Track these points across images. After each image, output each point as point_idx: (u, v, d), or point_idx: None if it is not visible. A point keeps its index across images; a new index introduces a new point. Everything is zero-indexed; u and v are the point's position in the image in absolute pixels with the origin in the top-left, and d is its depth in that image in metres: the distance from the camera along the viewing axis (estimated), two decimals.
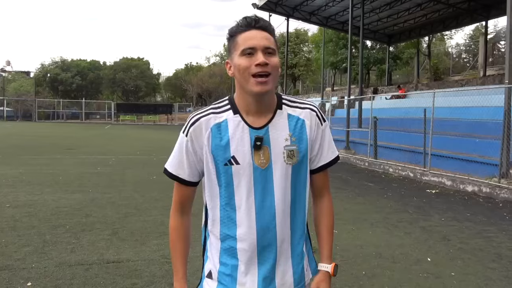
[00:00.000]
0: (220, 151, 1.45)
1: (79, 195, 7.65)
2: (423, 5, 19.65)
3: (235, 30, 1.46)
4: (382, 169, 12.28)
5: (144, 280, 3.90)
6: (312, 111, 1.54)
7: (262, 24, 1.44)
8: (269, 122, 1.48)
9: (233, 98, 1.52)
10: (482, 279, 4.20)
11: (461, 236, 5.73)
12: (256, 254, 1.48)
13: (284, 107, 1.52)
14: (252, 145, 1.45)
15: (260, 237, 1.47)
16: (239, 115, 1.47)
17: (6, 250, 4.61)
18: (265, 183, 1.46)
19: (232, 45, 1.46)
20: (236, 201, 1.47)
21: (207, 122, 1.47)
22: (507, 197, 8.21)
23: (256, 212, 1.46)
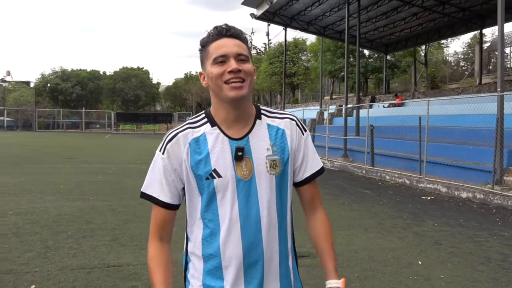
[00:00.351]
0: (200, 165, 1.40)
1: (80, 202, 7.80)
2: (418, 14, 19.95)
3: (206, 40, 1.44)
4: (379, 177, 12.44)
5: (144, 282, 4.05)
6: (292, 120, 1.52)
7: (233, 32, 1.42)
8: (249, 132, 1.44)
9: (209, 111, 1.49)
10: (470, 280, 4.35)
11: (453, 241, 5.88)
12: (243, 273, 1.41)
13: (263, 117, 1.49)
14: (233, 157, 1.40)
15: (246, 253, 1.40)
16: (217, 127, 1.44)
17: (10, 255, 4.76)
18: (249, 195, 1.41)
19: (204, 55, 1.44)
20: (220, 216, 1.40)
21: (184, 137, 1.43)
22: (500, 203, 8.36)
23: (241, 227, 1.40)
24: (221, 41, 1.40)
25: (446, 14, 19.08)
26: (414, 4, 18.15)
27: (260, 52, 58.89)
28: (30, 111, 52.34)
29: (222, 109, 1.43)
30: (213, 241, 1.41)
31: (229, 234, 1.39)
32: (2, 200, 7.86)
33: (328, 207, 8.15)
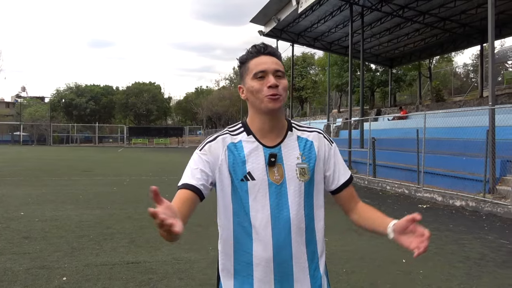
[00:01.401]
0: (236, 167, 1.53)
1: (99, 211, 8.48)
2: (420, 30, 20.63)
3: (245, 57, 1.59)
4: (380, 187, 12.99)
5: (159, 275, 4.69)
6: (319, 134, 1.68)
7: (270, 50, 1.58)
8: (281, 142, 1.58)
9: (246, 122, 1.63)
10: (446, 275, 4.91)
11: (438, 243, 6.44)
12: (273, 271, 1.51)
13: (294, 130, 1.64)
14: (266, 162, 1.53)
15: (276, 252, 1.50)
16: (252, 135, 1.58)
17: (41, 255, 5.43)
18: (280, 199, 1.52)
19: (244, 71, 1.59)
20: (252, 216, 1.51)
21: (223, 140, 1.58)
22: (490, 210, 8.88)
23: (272, 227, 1.50)
24: (260, 59, 1.55)
25: (447, 30, 19.74)
26: (416, 21, 18.86)
27: None
28: (45, 126, 53.70)
29: (258, 120, 1.58)
30: (245, 240, 1.52)
31: (260, 233, 1.50)
32: (28, 208, 8.58)
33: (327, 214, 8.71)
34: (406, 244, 1.45)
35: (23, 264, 5.01)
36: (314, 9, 18.86)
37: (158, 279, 4.57)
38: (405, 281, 4.71)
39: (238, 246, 1.54)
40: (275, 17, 20.35)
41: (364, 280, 4.70)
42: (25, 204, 9.06)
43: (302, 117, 37.52)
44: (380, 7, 17.50)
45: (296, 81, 40.69)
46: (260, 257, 1.50)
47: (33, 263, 5.04)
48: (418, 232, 1.42)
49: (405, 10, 17.96)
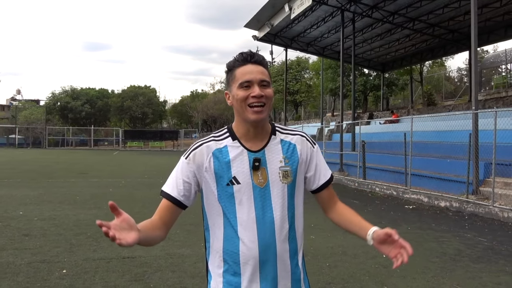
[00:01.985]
0: (222, 172, 1.58)
1: (95, 210, 8.79)
2: (411, 36, 21.09)
3: (232, 64, 1.62)
4: (370, 189, 13.35)
5: (153, 269, 5.00)
6: (302, 137, 1.73)
7: (257, 58, 1.61)
8: (265, 146, 1.64)
9: (231, 127, 1.68)
10: (422, 268, 5.26)
11: (419, 240, 6.79)
12: (258, 269, 1.58)
13: (278, 134, 1.69)
14: (251, 166, 1.59)
15: (262, 251, 1.57)
16: (237, 141, 1.63)
17: (41, 250, 5.73)
18: (264, 201, 1.59)
19: (230, 78, 1.63)
20: (238, 218, 1.57)
21: (208, 147, 1.62)
22: (472, 210, 9.25)
23: (257, 228, 1.57)
24: (247, 67, 1.58)
25: (436, 36, 20.21)
26: (405, 27, 19.31)
27: None
28: (40, 129, 53.81)
29: (243, 126, 1.63)
30: (233, 240, 1.58)
31: (246, 235, 1.57)
32: (26, 208, 8.87)
33: (315, 215, 9.06)
34: (385, 252, 1.56)
35: (25, 258, 5.31)
36: (306, 15, 19.26)
37: (152, 272, 4.89)
38: (382, 273, 5.05)
39: (226, 247, 1.59)
40: (269, 23, 20.73)
41: (344, 273, 5.04)
42: (24, 205, 9.34)
43: (297, 121, 37.90)
44: (371, 14, 17.93)
45: (290, 85, 41.10)
46: (247, 257, 1.57)
47: (34, 258, 5.35)
48: (398, 244, 1.50)
49: (395, 17, 18.40)
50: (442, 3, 16.75)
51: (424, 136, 13.97)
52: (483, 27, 18.43)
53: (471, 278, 4.94)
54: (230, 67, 1.64)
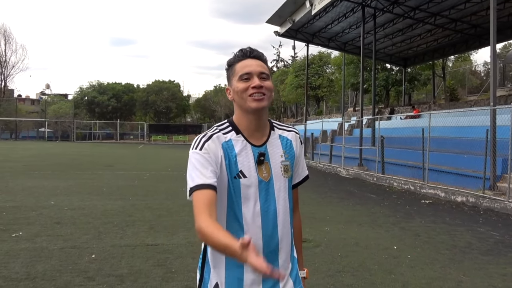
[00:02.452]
0: (231, 165, 1.61)
1: (121, 201, 9.24)
2: (432, 31, 20.92)
3: (232, 60, 1.69)
4: (388, 183, 13.49)
5: (174, 255, 5.37)
6: (296, 133, 1.81)
7: (256, 54, 1.67)
8: (267, 141, 1.69)
9: (232, 120, 1.71)
10: (430, 259, 5.48)
11: (431, 233, 6.98)
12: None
13: (276, 129, 1.75)
14: (256, 160, 1.63)
15: (265, 243, 1.62)
16: (241, 135, 1.66)
17: (72, 237, 6.17)
18: (268, 194, 1.64)
19: (231, 73, 1.68)
20: (243, 210, 1.61)
21: (218, 138, 1.63)
22: (488, 205, 9.34)
23: (261, 221, 1.62)
24: (246, 61, 1.64)
25: (458, 31, 20.01)
26: (427, 22, 19.19)
27: (287, 65, 60.22)
28: (68, 123, 55.29)
29: (245, 119, 1.66)
30: (237, 232, 1.60)
31: (251, 226, 1.61)
32: (57, 199, 9.39)
33: (332, 207, 9.34)
34: None
35: (57, 244, 5.76)
36: (327, 11, 19.34)
37: (173, 258, 5.25)
38: (392, 263, 5.30)
39: None
40: (290, 18, 20.90)
41: (355, 262, 5.30)
42: (54, 195, 9.88)
43: (318, 116, 37.93)
44: (392, 9, 17.90)
45: (312, 79, 41.08)
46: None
47: (66, 244, 5.79)
48: None
49: (416, 12, 18.31)
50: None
51: (444, 131, 13.98)
52: (506, 22, 18.19)
53: (477, 269, 5.13)
54: (230, 63, 1.70)
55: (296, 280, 1.74)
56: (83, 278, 4.45)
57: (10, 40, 63.74)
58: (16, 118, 55.86)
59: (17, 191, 10.39)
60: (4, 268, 4.69)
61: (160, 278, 4.51)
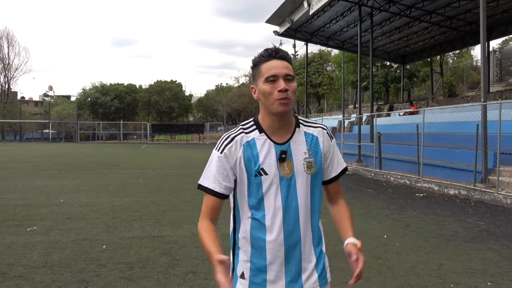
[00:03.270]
0: (251, 164, 1.67)
1: (128, 198, 9.68)
2: (429, 28, 21.31)
3: (258, 60, 1.71)
4: (385, 178, 13.89)
5: (179, 245, 5.80)
6: (323, 129, 1.83)
7: (281, 54, 1.69)
8: (290, 139, 1.72)
9: (257, 119, 1.76)
10: (416, 246, 5.89)
11: (421, 224, 7.38)
12: (284, 254, 1.68)
13: (301, 126, 1.78)
14: (277, 158, 1.67)
15: (287, 237, 1.67)
16: (264, 133, 1.70)
17: (83, 231, 6.60)
18: (289, 191, 1.68)
19: (256, 73, 1.71)
20: (265, 206, 1.67)
21: (240, 139, 1.70)
22: (479, 198, 9.74)
23: (283, 216, 1.67)
24: (272, 63, 1.66)
25: (454, 28, 20.38)
26: (423, 20, 19.56)
27: None
28: (71, 124, 55.89)
29: (269, 119, 1.71)
30: (260, 227, 1.68)
31: (273, 222, 1.67)
32: (66, 196, 9.84)
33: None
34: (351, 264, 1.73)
35: (70, 237, 6.19)
36: (325, 10, 19.74)
37: (178, 248, 5.68)
38: (381, 250, 5.71)
39: (254, 233, 1.70)
40: (289, 18, 21.30)
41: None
42: (63, 193, 10.33)
43: (319, 113, 38.32)
44: (388, 8, 18.29)
45: (313, 77, 41.47)
46: (272, 243, 1.67)
47: (77, 236, 6.22)
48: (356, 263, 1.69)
49: (412, 10, 18.69)
50: None
51: (440, 127, 14.37)
52: (500, 19, 18.55)
53: (460, 254, 5.54)
54: (255, 62, 1.72)
55: (322, 274, 1.78)
56: (96, 265, 4.88)
57: (13, 43, 64.64)
58: (20, 120, 56.48)
59: (27, 190, 10.84)
60: (23, 258, 5.13)
61: (166, 264, 4.94)
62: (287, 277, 1.69)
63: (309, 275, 1.73)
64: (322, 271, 1.78)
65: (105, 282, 4.34)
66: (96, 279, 4.43)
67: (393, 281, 4.48)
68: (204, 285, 4.25)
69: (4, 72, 61.56)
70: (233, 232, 1.79)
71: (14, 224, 7.00)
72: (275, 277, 1.68)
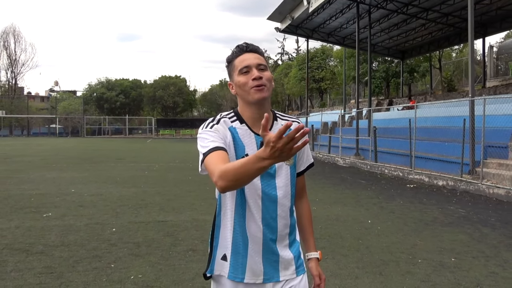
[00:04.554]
0: (238, 148, 1.71)
1: (134, 189, 10.33)
2: (426, 25, 21.78)
3: (231, 57, 1.76)
4: (380, 171, 14.48)
5: (181, 228, 6.44)
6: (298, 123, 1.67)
7: (252, 48, 1.74)
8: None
9: (237, 111, 1.79)
10: (396, 230, 6.49)
11: (405, 211, 7.98)
12: (261, 242, 1.73)
13: (279, 119, 1.81)
14: (258, 148, 1.67)
15: (265, 227, 1.72)
16: (245, 124, 1.74)
17: (94, 216, 7.25)
18: (269, 181, 1.72)
19: (231, 69, 1.75)
20: (246, 194, 1.70)
21: (225, 122, 1.74)
22: (465, 188, 10.32)
23: (262, 205, 1.71)
24: (244, 56, 1.72)
25: (450, 25, 20.85)
26: (420, 17, 20.04)
27: (292, 58, 60.99)
28: (78, 119, 56.75)
29: (248, 110, 1.74)
30: (241, 212, 1.72)
31: (253, 209, 1.71)
32: (76, 187, 10.50)
33: (324, 191, 10.37)
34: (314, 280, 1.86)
35: (82, 221, 6.84)
36: (324, 8, 20.26)
37: (180, 230, 6.32)
38: (363, 232, 6.32)
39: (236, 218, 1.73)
40: (289, 15, 21.84)
41: (331, 232, 6.33)
42: (74, 184, 10.99)
43: (322, 108, 38.85)
44: (385, 5, 18.79)
45: (315, 72, 41.96)
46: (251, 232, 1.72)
47: (89, 221, 6.87)
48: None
49: (409, 7, 19.17)
50: None
51: (434, 121, 14.91)
52: (494, 16, 19.01)
53: (433, 236, 6.14)
54: (229, 59, 1.77)
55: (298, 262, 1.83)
56: (107, 244, 5.53)
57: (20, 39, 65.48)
58: (28, 115, 57.37)
59: (39, 181, 11.52)
60: (42, 238, 5.78)
61: (169, 244, 5.58)
62: (265, 266, 1.74)
63: (286, 265, 1.78)
64: (298, 253, 1.84)
65: (115, 257, 4.98)
66: (108, 255, 5.07)
67: (368, 257, 5.10)
68: (202, 260, 4.88)
69: (11, 68, 62.50)
70: (217, 215, 1.81)
71: (31, 210, 7.66)
72: (254, 262, 1.73)
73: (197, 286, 4.12)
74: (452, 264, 4.86)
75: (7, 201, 8.57)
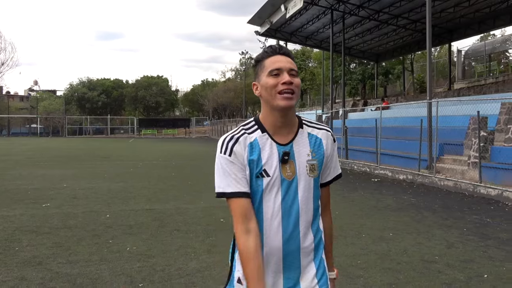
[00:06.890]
0: (253, 165, 1.63)
1: (122, 183, 11.24)
2: (397, 30, 23.14)
3: (261, 56, 1.71)
4: (350, 167, 15.66)
5: (166, 214, 7.40)
6: (328, 131, 1.77)
7: (285, 50, 1.70)
8: (293, 139, 1.68)
9: (259, 118, 1.72)
10: (350, 214, 7.58)
11: (364, 200, 9.10)
12: (282, 260, 1.64)
13: (305, 127, 1.73)
14: (280, 159, 1.63)
15: (285, 242, 1.63)
16: (266, 133, 1.66)
17: (88, 206, 8.16)
18: (290, 193, 1.64)
19: (259, 68, 1.69)
20: (264, 209, 1.63)
21: (244, 140, 1.65)
22: (421, 181, 11.53)
23: (282, 219, 1.63)
24: (276, 57, 1.66)
25: (418, 31, 22.25)
26: (390, 23, 21.36)
27: None
28: (59, 119, 56.90)
29: (271, 117, 1.67)
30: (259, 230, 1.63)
31: (271, 226, 1.63)
32: (68, 182, 11.35)
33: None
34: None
35: (79, 210, 7.77)
36: (301, 13, 21.39)
37: (166, 216, 7.30)
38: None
39: None
40: (268, 20, 22.90)
41: None
42: (65, 180, 11.84)
43: (301, 108, 40.08)
44: (358, 12, 20.01)
45: None
46: (271, 247, 1.63)
47: (85, 209, 7.80)
48: None
49: (380, 14, 20.46)
50: (420, 2, 18.74)
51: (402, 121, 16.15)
52: (458, 23, 20.44)
53: (381, 219, 7.24)
54: (259, 58, 1.71)
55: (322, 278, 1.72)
56: (104, 226, 6.48)
57: None
58: (8, 115, 57.26)
59: (31, 178, 12.32)
60: (47, 222, 6.71)
61: (157, 225, 6.56)
62: (286, 284, 1.67)
63: (309, 283, 1.69)
64: (322, 276, 1.73)
65: (112, 235, 5.95)
66: (106, 234, 6.03)
67: None
68: (185, 237, 5.86)
69: None
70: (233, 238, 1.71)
71: (30, 202, 8.53)
72: (272, 283, 1.65)
73: (181, 253, 5.12)
74: (389, 238, 5.97)
75: (5, 194, 9.42)
